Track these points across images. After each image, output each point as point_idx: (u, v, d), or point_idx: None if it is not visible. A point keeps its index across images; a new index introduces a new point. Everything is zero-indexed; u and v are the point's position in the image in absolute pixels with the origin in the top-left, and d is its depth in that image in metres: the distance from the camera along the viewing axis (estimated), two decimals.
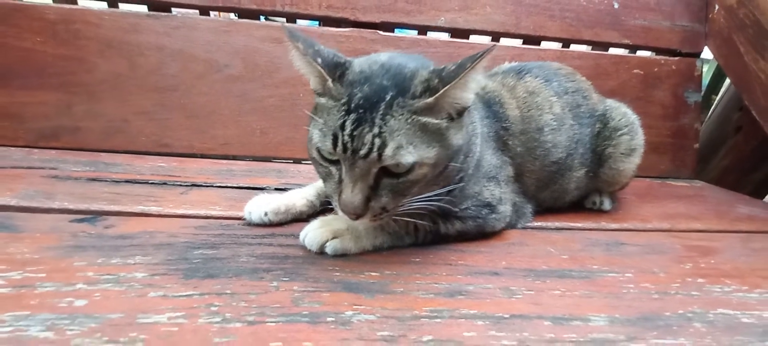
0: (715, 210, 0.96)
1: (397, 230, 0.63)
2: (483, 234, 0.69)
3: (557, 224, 0.80)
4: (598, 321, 0.47)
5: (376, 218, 0.55)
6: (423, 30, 1.27)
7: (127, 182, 0.88)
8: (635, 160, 0.84)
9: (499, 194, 0.69)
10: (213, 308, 0.44)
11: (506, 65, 0.86)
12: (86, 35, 1.14)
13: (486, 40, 1.31)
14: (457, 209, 0.64)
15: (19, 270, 0.49)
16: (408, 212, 0.57)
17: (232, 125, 1.18)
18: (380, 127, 0.51)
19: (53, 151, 1.07)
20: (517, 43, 1.31)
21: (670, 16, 1.32)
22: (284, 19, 1.25)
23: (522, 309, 0.48)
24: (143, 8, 1.18)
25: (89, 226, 0.64)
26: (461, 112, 0.56)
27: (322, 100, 0.56)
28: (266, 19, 1.30)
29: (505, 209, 0.70)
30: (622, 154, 0.82)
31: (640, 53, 1.35)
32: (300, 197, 0.73)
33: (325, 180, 0.58)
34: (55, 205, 0.71)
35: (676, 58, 1.32)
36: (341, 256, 0.59)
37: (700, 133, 1.32)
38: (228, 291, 0.48)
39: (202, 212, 0.73)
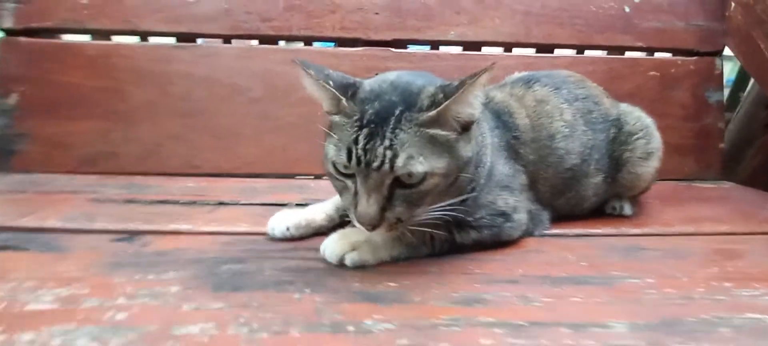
0: (742, 212, 0.93)
1: (414, 241, 0.64)
2: (499, 243, 0.70)
3: (576, 230, 0.80)
4: (618, 328, 0.47)
5: (392, 227, 0.58)
6: (435, 45, 1.30)
7: (160, 202, 0.94)
8: (653, 163, 0.83)
9: (513, 202, 0.70)
10: (241, 320, 0.47)
11: (515, 75, 0.88)
12: (121, 67, 1.24)
13: (498, 51, 1.32)
14: (471, 219, 0.66)
15: (66, 286, 0.54)
16: (423, 223, 0.59)
17: (254, 145, 1.24)
18: (391, 140, 0.54)
19: (94, 176, 1.15)
20: (530, 52, 1.31)
21: (684, 17, 1.30)
22: (301, 43, 1.31)
23: (540, 317, 0.49)
24: (172, 40, 1.26)
25: (127, 244, 0.69)
26: (467, 126, 0.59)
27: (336, 118, 0.59)
28: (286, 43, 1.36)
29: (521, 217, 0.71)
30: (639, 157, 0.81)
31: (655, 55, 1.33)
32: (320, 212, 0.76)
33: (341, 193, 0.61)
34: (97, 226, 0.77)
35: (694, 57, 1.29)
36: (360, 267, 0.61)
37: (724, 132, 1.28)
38: (255, 303, 0.51)
39: (229, 229, 0.77)
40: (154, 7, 1.24)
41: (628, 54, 1.31)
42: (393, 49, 1.27)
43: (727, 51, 1.29)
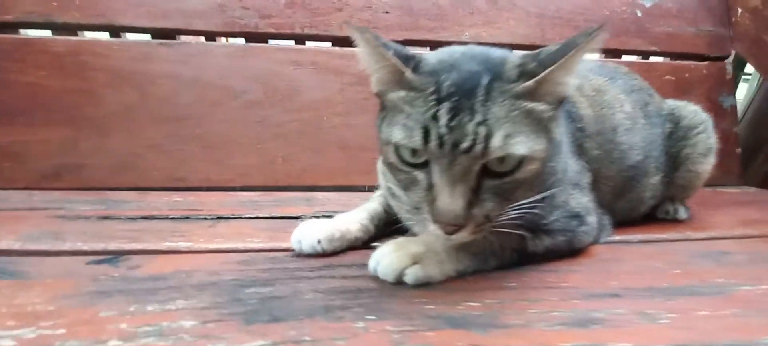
0: None
1: (481, 251, 0.53)
2: (571, 251, 0.59)
3: (639, 236, 0.71)
4: None
5: (477, 230, 0.46)
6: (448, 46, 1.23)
7: (143, 218, 0.78)
8: (712, 160, 0.77)
9: (585, 202, 0.61)
10: None
11: None
12: (94, 66, 1.07)
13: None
14: (546, 221, 0.55)
15: (32, 326, 0.38)
16: (504, 225, 0.48)
17: (251, 154, 1.10)
18: (483, 115, 0.43)
19: (56, 193, 0.97)
20: None
21: (693, 22, 1.30)
22: (303, 43, 1.20)
23: (680, 337, 0.38)
24: (157, 37, 1.12)
25: (111, 267, 0.53)
26: (561, 101, 0.49)
27: (401, 93, 0.48)
28: None
29: (593, 220, 0.61)
30: (700, 154, 0.75)
31: (666, 60, 1.32)
32: (354, 222, 0.63)
33: (406, 189, 0.49)
34: (67, 246, 0.60)
35: (706, 62, 1.29)
36: (423, 285, 0.49)
37: (739, 136, 1.26)
38: (307, 337, 0.37)
39: (241, 246, 0.63)
40: (135, 1, 1.10)
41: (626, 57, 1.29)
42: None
43: None
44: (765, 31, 1.18)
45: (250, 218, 0.80)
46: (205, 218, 0.78)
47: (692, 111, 0.78)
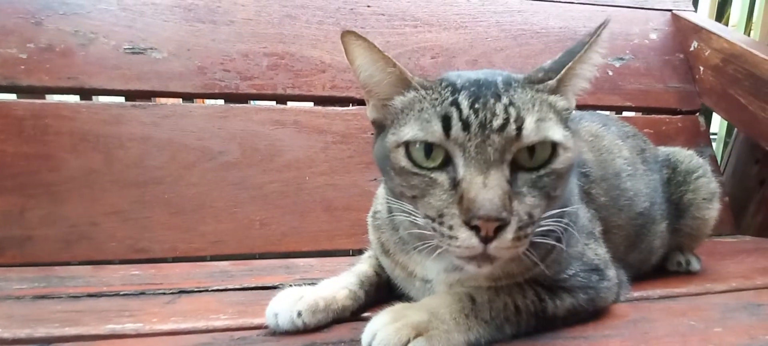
0: None
1: (495, 316, 0.44)
2: (594, 311, 0.51)
3: (659, 292, 0.64)
4: None
5: (520, 235, 0.38)
6: None
7: (89, 296, 0.66)
8: (716, 205, 0.73)
9: (603, 253, 0.54)
10: None
11: None
12: (57, 130, 0.99)
13: None
14: (564, 275, 0.48)
15: None
16: (539, 237, 0.41)
17: (226, 218, 1.00)
18: (510, 98, 0.39)
19: None
20: None
21: (661, 79, 1.36)
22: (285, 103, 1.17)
23: None
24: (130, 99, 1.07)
25: None
26: (569, 112, 0.45)
27: (410, 94, 0.44)
28: None
29: (612, 273, 0.54)
30: (704, 199, 0.71)
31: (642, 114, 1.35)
32: (340, 288, 0.54)
33: (423, 197, 0.40)
34: None
35: (680, 116, 1.33)
36: None
37: (723, 185, 1.26)
38: None
39: (201, 325, 0.52)
40: (110, 64, 1.06)
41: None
42: None
43: None
44: (730, 86, 1.24)
45: (218, 290, 0.69)
46: (164, 293, 0.67)
47: (687, 155, 0.76)
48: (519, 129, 0.38)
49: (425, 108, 0.42)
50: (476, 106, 0.39)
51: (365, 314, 0.54)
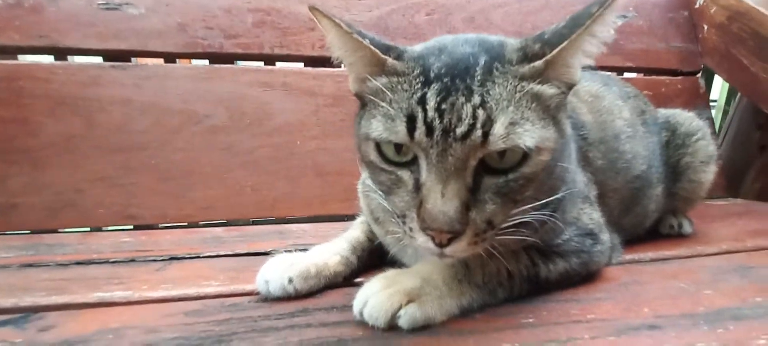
0: None
1: (487, 281, 0.44)
2: (587, 274, 0.51)
3: (650, 254, 0.64)
4: None
5: (478, 239, 0.37)
6: None
7: (77, 263, 0.65)
8: (713, 168, 0.73)
9: (597, 218, 0.54)
10: None
11: None
12: (32, 93, 0.94)
13: None
14: (558, 241, 0.47)
15: None
16: (510, 235, 0.39)
17: (216, 184, 0.98)
18: (482, 96, 0.36)
19: None
20: None
21: (663, 38, 1.32)
22: (273, 63, 1.12)
23: None
24: (108, 60, 1.01)
25: (14, 330, 0.41)
26: (570, 87, 0.42)
27: (382, 79, 0.40)
28: None
29: (606, 237, 0.54)
30: (701, 162, 0.70)
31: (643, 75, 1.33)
32: (332, 254, 0.53)
33: (389, 193, 0.40)
34: None
35: (680, 77, 1.30)
36: (422, 329, 0.39)
37: (720, 150, 1.26)
38: None
39: (192, 291, 0.51)
40: (84, 21, 0.99)
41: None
42: None
43: None
44: (734, 45, 1.21)
45: (210, 256, 0.68)
46: (155, 260, 0.66)
47: (688, 117, 0.74)
48: (486, 134, 0.35)
49: (393, 101, 0.38)
50: (443, 106, 0.36)
51: (358, 280, 0.53)
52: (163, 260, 0.66)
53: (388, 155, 0.39)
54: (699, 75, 1.31)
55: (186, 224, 0.95)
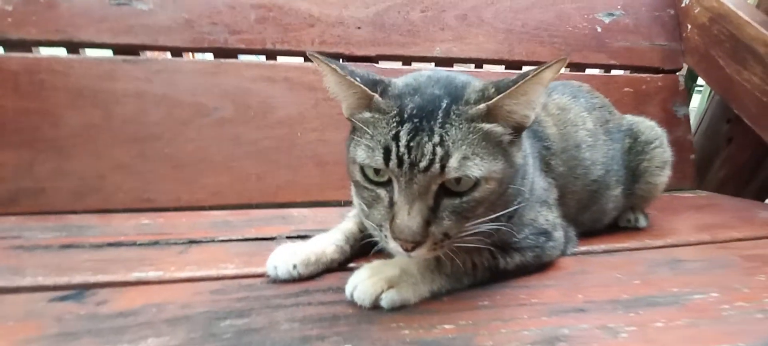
0: (740, 218, 0.96)
1: (455, 271, 0.54)
2: (541, 265, 0.62)
3: (603, 246, 0.75)
4: None
5: (436, 246, 0.47)
6: (420, 61, 1.25)
7: (109, 245, 0.75)
8: (667, 172, 0.82)
9: (552, 219, 0.64)
10: None
11: None
12: (53, 85, 1.02)
13: (490, 67, 1.30)
14: (516, 239, 0.58)
15: None
16: (468, 242, 0.50)
17: (224, 172, 1.08)
18: (441, 136, 0.45)
19: (12, 219, 0.91)
20: (501, 68, 1.31)
21: (648, 37, 1.38)
22: (274, 58, 1.19)
23: None
24: (119, 53, 1.08)
25: (76, 305, 0.51)
26: (519, 129, 0.51)
27: (366, 114, 0.49)
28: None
29: (559, 235, 0.64)
30: (657, 167, 0.80)
31: (625, 72, 1.40)
32: (329, 244, 0.63)
33: (370, 206, 0.50)
34: (27, 282, 0.57)
35: (660, 75, 1.37)
36: (399, 308, 0.50)
37: (693, 143, 1.35)
38: None
39: (214, 273, 0.62)
40: (97, 16, 1.06)
41: (593, 71, 1.36)
42: (377, 65, 1.19)
43: None
44: (712, 46, 1.28)
45: (224, 240, 0.79)
46: (176, 243, 0.76)
47: (649, 126, 0.83)
48: (443, 166, 0.45)
49: (374, 135, 0.47)
50: (411, 143, 0.45)
51: (351, 265, 0.64)
52: (183, 243, 0.76)
53: (370, 176, 0.48)
54: (681, 72, 1.39)
55: (197, 207, 1.05)
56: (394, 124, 0.46)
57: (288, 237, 0.81)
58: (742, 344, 0.42)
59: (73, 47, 1.07)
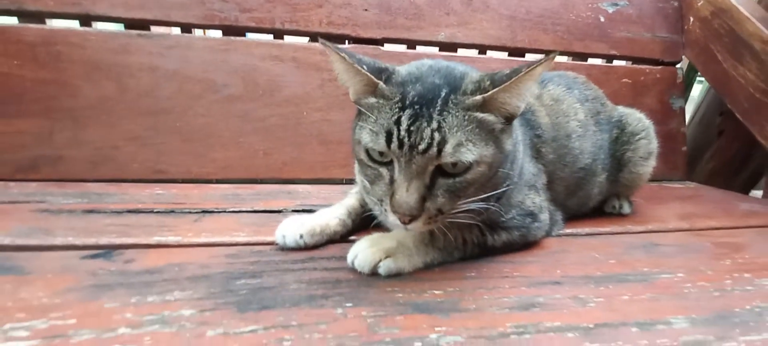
0: (721, 208, 1.01)
1: (447, 245, 0.60)
2: (526, 244, 0.68)
3: (587, 229, 0.80)
4: (681, 324, 0.46)
5: (430, 221, 0.52)
6: (424, 45, 1.28)
7: (129, 212, 0.81)
8: (652, 163, 0.87)
9: (539, 202, 0.69)
10: (286, 342, 0.40)
11: None
12: (69, 58, 1.06)
13: (493, 53, 1.33)
14: (504, 218, 0.63)
15: (43, 318, 0.42)
16: (459, 218, 0.55)
17: (232, 147, 1.13)
18: (439, 123, 0.50)
19: (33, 184, 0.97)
20: (505, 54, 1.34)
21: (650, 28, 1.40)
22: (282, 37, 1.22)
23: (602, 317, 0.47)
24: (131, 28, 1.11)
25: (106, 262, 0.57)
26: (511, 118, 0.56)
27: (371, 100, 0.54)
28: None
29: (545, 217, 0.70)
30: (641, 157, 0.85)
31: (624, 63, 1.42)
32: (332, 217, 0.69)
33: (372, 183, 0.55)
34: (58, 241, 0.63)
35: (659, 67, 1.40)
36: (395, 276, 0.55)
37: (686, 136, 1.39)
38: (294, 322, 0.43)
39: (227, 239, 0.67)
40: None
41: (595, 60, 1.39)
42: (382, 48, 1.22)
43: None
44: (712, 40, 1.30)
45: (234, 211, 0.84)
46: (190, 212, 0.82)
47: (637, 119, 0.87)
48: (439, 151, 0.49)
49: (378, 119, 0.52)
50: (411, 128, 0.49)
51: (352, 237, 0.70)
52: (197, 212, 0.82)
53: (373, 156, 0.53)
54: (679, 65, 1.41)
55: (207, 179, 1.11)
56: (397, 109, 0.51)
57: (294, 211, 0.87)
58: (694, 315, 0.48)
59: (90, 20, 1.10)
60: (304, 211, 0.85)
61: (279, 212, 0.85)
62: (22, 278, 0.51)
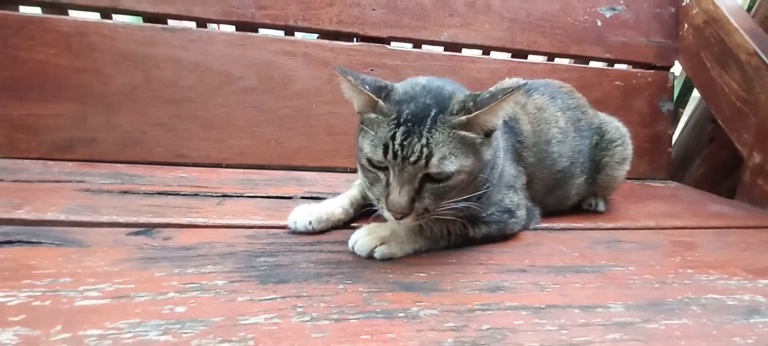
0: (690, 209, 1.10)
1: (433, 236, 0.71)
2: (504, 236, 0.78)
3: (562, 224, 0.90)
4: (617, 308, 0.57)
5: (418, 217, 0.63)
6: (429, 44, 1.36)
7: (159, 193, 0.92)
8: (626, 167, 0.96)
9: (517, 200, 0.79)
10: (299, 309, 0.51)
11: (507, 81, 0.95)
12: (101, 48, 1.16)
13: (496, 55, 1.41)
14: (483, 214, 0.73)
15: (107, 283, 0.54)
16: (442, 216, 0.65)
17: (247, 136, 1.23)
18: (427, 139, 0.60)
19: (70, 164, 1.09)
20: (507, 56, 1.41)
21: (646, 33, 1.46)
22: (293, 34, 1.30)
23: (554, 300, 0.57)
24: (150, 22, 1.20)
25: (149, 239, 0.68)
26: (490, 133, 0.65)
27: (372, 115, 0.64)
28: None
29: (522, 213, 0.80)
30: (616, 162, 0.94)
31: (617, 66, 1.49)
32: (337, 206, 0.79)
33: (372, 184, 0.66)
34: (104, 219, 0.75)
35: (652, 71, 1.47)
36: (388, 260, 0.66)
37: (672, 138, 1.47)
38: (305, 294, 0.54)
39: (246, 222, 0.79)
40: None
41: (592, 63, 1.46)
42: (388, 47, 1.30)
43: (675, 68, 1.48)
44: (703, 47, 1.36)
45: (251, 196, 0.95)
46: (212, 196, 0.93)
47: (615, 127, 0.96)
48: (427, 163, 0.59)
49: (377, 133, 0.61)
50: (404, 143, 0.59)
51: (353, 225, 0.80)
52: (218, 196, 0.93)
53: (373, 163, 0.64)
54: (671, 69, 1.48)
55: (224, 164, 1.22)
56: (393, 126, 0.61)
57: (302, 197, 0.98)
58: (630, 302, 0.58)
59: (115, 12, 1.20)
60: (312, 198, 0.96)
61: (290, 198, 0.96)
62: (83, 250, 0.62)
